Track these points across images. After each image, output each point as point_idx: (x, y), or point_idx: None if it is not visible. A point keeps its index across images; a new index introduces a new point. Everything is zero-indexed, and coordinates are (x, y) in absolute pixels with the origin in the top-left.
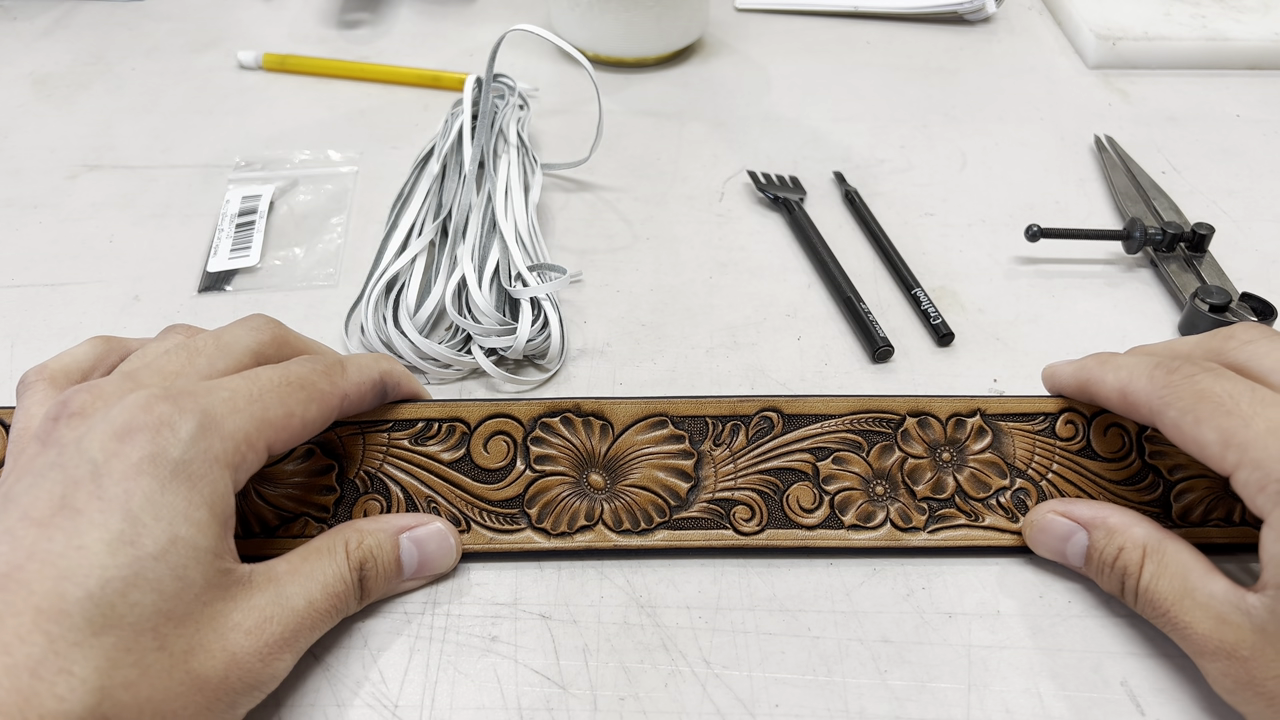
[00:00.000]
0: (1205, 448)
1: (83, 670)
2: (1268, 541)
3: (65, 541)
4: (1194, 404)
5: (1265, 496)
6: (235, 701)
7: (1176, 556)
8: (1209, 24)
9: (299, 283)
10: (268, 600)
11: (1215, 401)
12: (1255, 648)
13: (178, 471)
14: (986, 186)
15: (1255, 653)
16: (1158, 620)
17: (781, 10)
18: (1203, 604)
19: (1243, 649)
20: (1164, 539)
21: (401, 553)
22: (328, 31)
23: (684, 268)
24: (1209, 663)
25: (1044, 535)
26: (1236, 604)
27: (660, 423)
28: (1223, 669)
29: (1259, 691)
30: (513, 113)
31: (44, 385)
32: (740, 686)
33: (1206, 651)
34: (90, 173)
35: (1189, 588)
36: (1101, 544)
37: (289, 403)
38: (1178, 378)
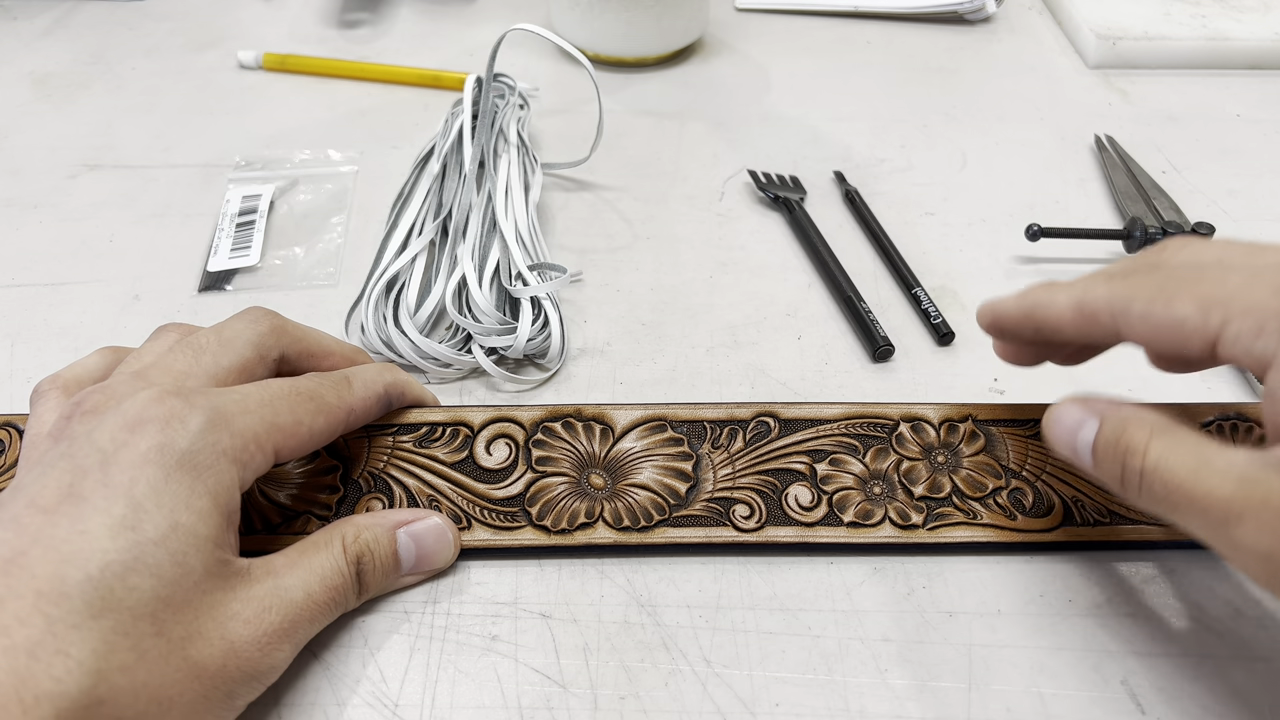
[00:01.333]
0: (1184, 324)
1: (80, 653)
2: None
3: (69, 527)
4: (1160, 286)
5: (1265, 338)
6: (233, 691)
7: (1189, 435)
8: (1209, 24)
9: (299, 282)
10: (266, 591)
11: (1182, 276)
12: None
13: (184, 462)
14: (987, 186)
15: None
16: (1166, 502)
17: (781, 10)
18: (1222, 470)
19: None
20: (1176, 422)
21: (399, 547)
22: (328, 31)
23: (684, 267)
24: (1238, 527)
25: (1057, 427)
26: (1263, 462)
27: (659, 426)
28: (1258, 527)
29: None
30: (513, 112)
31: (56, 393)
32: (741, 685)
33: (1232, 515)
34: (90, 172)
35: (1205, 459)
36: (1109, 428)
37: (298, 411)
38: (1138, 274)
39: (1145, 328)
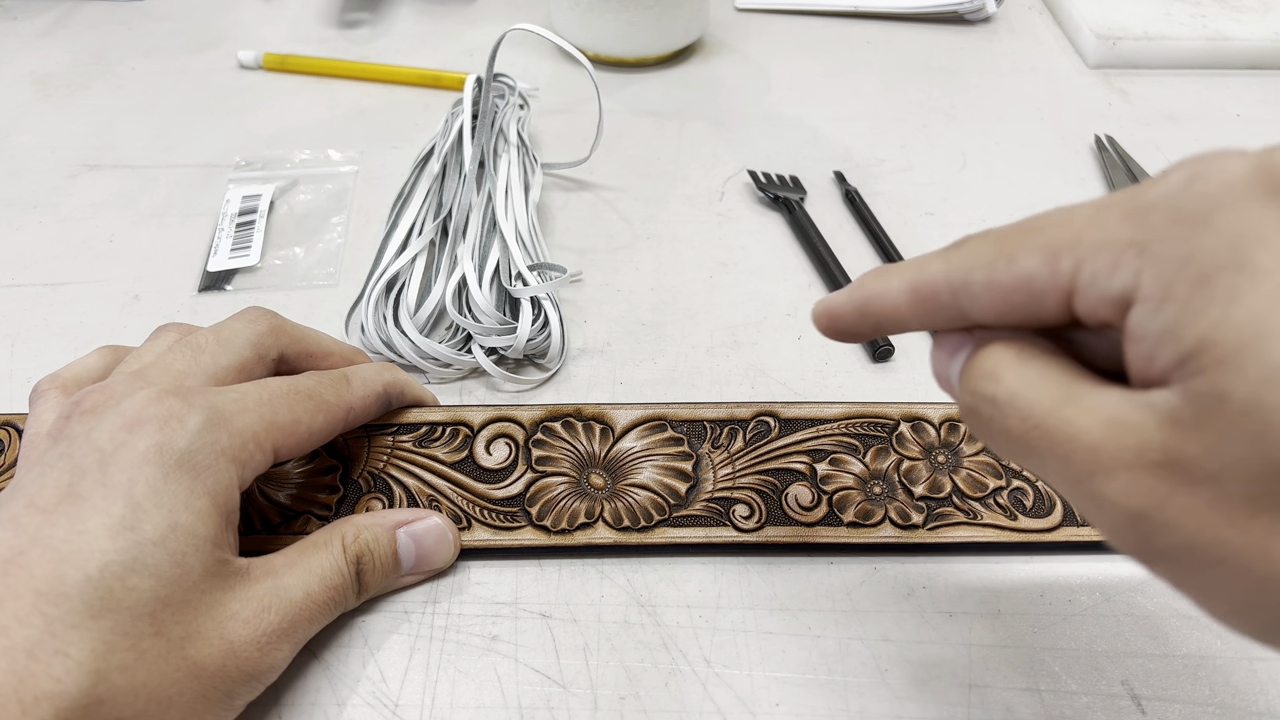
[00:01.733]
0: (1033, 278)
1: (79, 653)
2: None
3: (68, 527)
4: (999, 245)
5: (1122, 271)
6: (232, 690)
7: (1062, 365)
8: (1209, 24)
9: (299, 282)
10: (265, 591)
11: (1022, 231)
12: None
13: (182, 462)
14: (987, 186)
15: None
16: (1023, 442)
17: (781, 10)
18: (1092, 408)
19: (1152, 450)
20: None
21: (399, 547)
22: (328, 31)
23: (684, 267)
24: (1108, 480)
25: (936, 353)
26: (1137, 402)
27: (659, 426)
28: (1127, 484)
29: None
30: (513, 112)
31: (56, 392)
32: (741, 685)
33: (1101, 466)
34: (90, 173)
35: (1071, 394)
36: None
37: (297, 410)
38: (972, 242)
39: (991, 297)
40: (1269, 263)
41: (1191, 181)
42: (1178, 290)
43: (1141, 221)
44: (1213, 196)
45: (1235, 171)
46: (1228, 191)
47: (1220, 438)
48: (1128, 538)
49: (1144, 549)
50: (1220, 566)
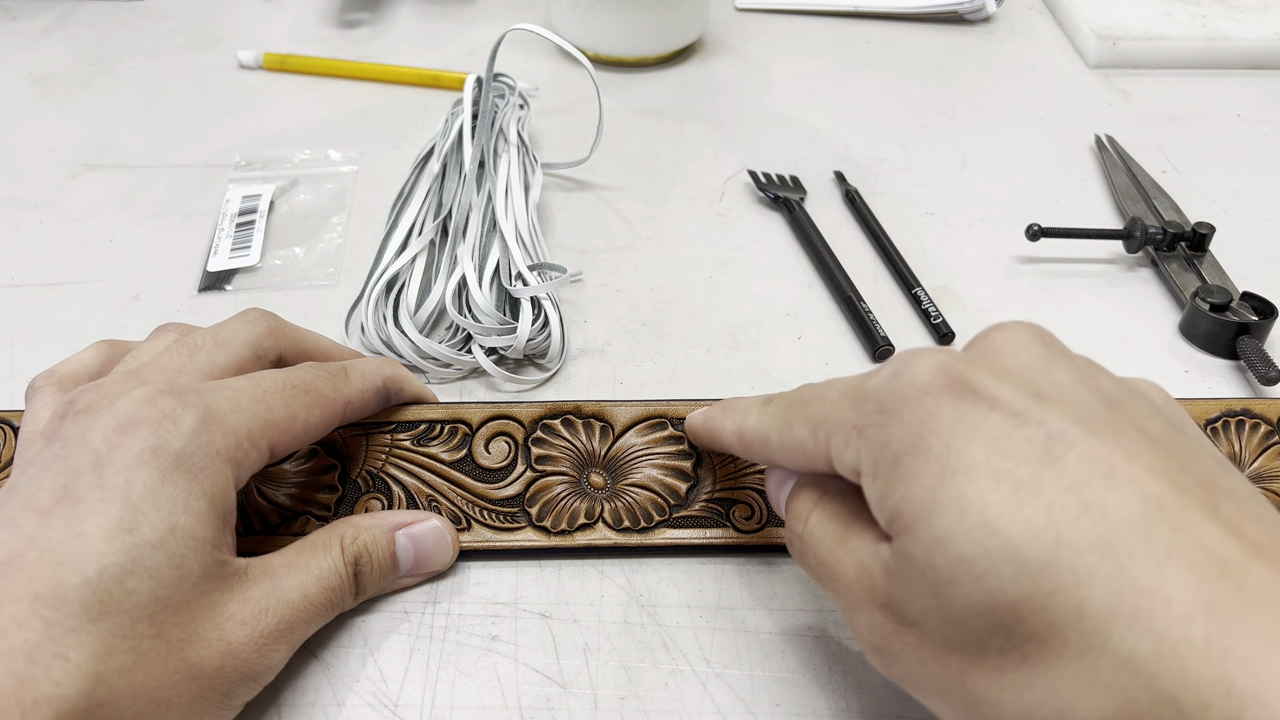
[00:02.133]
0: (804, 447)
1: (78, 656)
2: (866, 489)
3: (65, 529)
4: (786, 414)
5: (850, 449)
6: (230, 691)
7: (846, 505)
8: (1209, 24)
9: (299, 282)
10: (263, 592)
11: (800, 401)
12: (888, 591)
13: (179, 463)
14: (987, 186)
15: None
16: (817, 574)
17: (781, 10)
18: (852, 550)
19: (879, 594)
20: (844, 489)
21: (397, 549)
22: (328, 31)
23: (684, 267)
24: (858, 616)
25: (770, 483)
26: (874, 550)
27: (660, 424)
28: (868, 621)
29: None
30: (513, 112)
31: (51, 389)
32: (741, 685)
33: (854, 602)
34: (90, 173)
35: (844, 537)
36: (795, 490)
37: (292, 405)
38: (775, 403)
39: (783, 455)
40: (937, 447)
41: (893, 377)
42: (880, 468)
43: (861, 408)
44: (903, 391)
45: (923, 370)
46: (914, 387)
47: (913, 591)
48: (875, 663)
49: (889, 674)
50: (939, 695)
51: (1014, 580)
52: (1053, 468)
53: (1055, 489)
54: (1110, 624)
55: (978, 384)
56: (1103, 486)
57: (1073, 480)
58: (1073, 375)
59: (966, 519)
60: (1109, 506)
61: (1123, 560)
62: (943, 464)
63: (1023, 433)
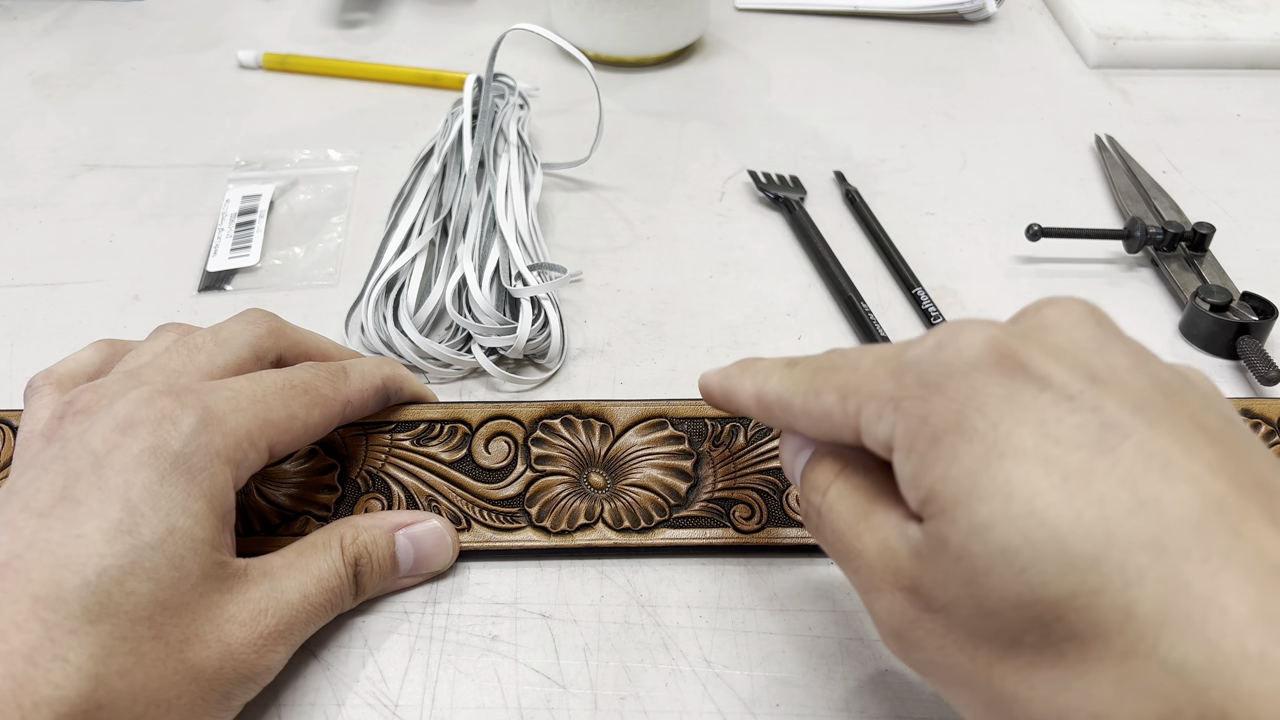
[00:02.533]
0: (831, 415)
1: (78, 658)
2: (898, 465)
3: (64, 531)
4: (812, 379)
5: (884, 422)
6: (230, 692)
7: (869, 479)
8: (1209, 23)
9: (299, 282)
10: (263, 593)
11: (829, 367)
12: (915, 574)
13: (178, 464)
14: (987, 186)
15: (916, 579)
16: (834, 549)
17: (781, 10)
18: (875, 528)
19: (904, 576)
20: (867, 461)
21: (397, 549)
22: (328, 31)
23: (684, 267)
24: (878, 597)
25: (784, 450)
26: (901, 531)
27: (660, 424)
28: (890, 603)
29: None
30: (513, 112)
31: (51, 389)
32: (741, 686)
33: (874, 584)
34: (90, 173)
35: (867, 512)
36: (813, 460)
37: (292, 405)
38: (799, 366)
39: (806, 421)
40: (982, 427)
41: (938, 349)
42: (917, 445)
43: (899, 380)
44: (949, 365)
45: (971, 344)
46: (961, 361)
47: (945, 576)
48: (892, 648)
49: (906, 660)
50: (960, 685)
51: (1058, 575)
52: (1106, 458)
53: (1108, 481)
54: (1160, 629)
55: (1030, 362)
56: (1159, 482)
57: (1127, 473)
58: (1129, 359)
59: (1011, 506)
60: (1165, 504)
61: (1177, 563)
62: (988, 445)
63: (1075, 418)
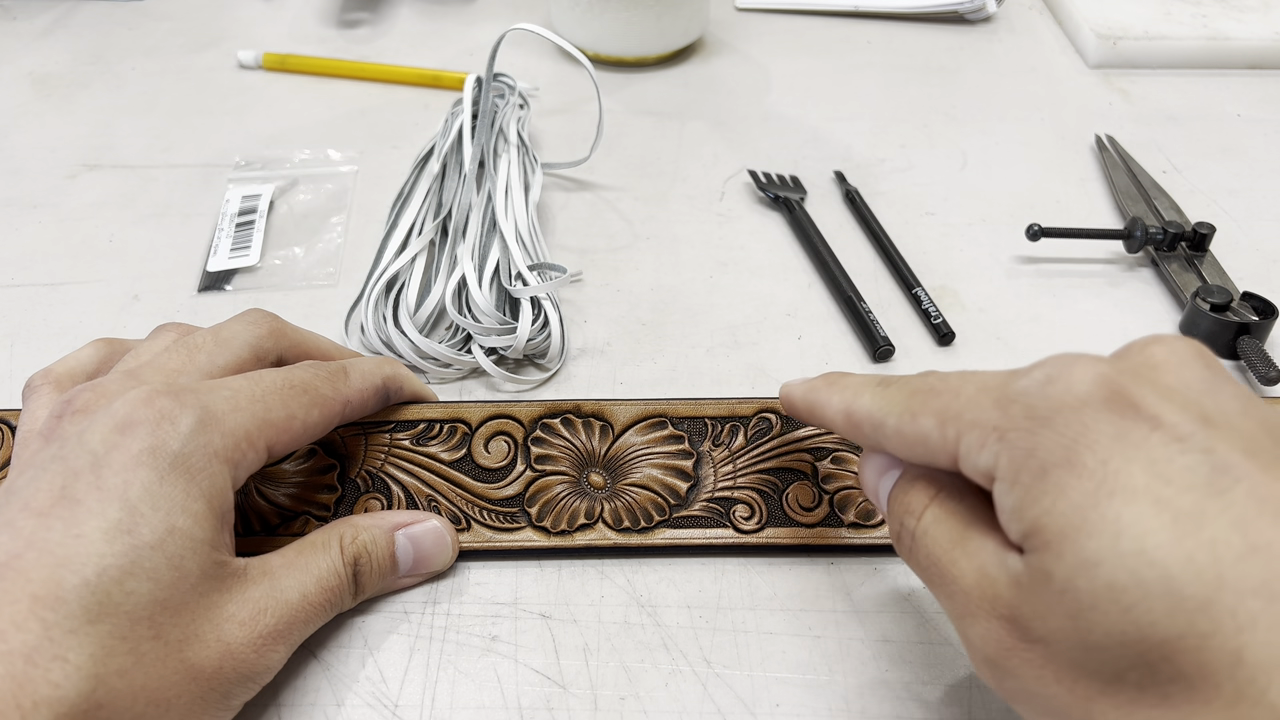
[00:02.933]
0: (928, 439)
1: (78, 657)
2: (1000, 496)
3: (63, 530)
4: (908, 401)
5: (987, 451)
6: (229, 691)
7: (964, 504)
8: (1210, 23)
9: (299, 282)
10: (262, 593)
11: (927, 390)
12: (1014, 603)
13: (176, 464)
14: (987, 186)
15: (1016, 609)
16: (927, 574)
17: (781, 10)
18: (972, 554)
19: (1003, 605)
20: (962, 486)
21: (397, 549)
22: (328, 31)
23: (684, 267)
24: (972, 624)
25: (866, 470)
26: (1001, 558)
27: (660, 423)
28: (985, 630)
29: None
30: (513, 112)
31: (49, 388)
32: (741, 686)
33: (970, 610)
34: (90, 172)
35: (963, 538)
36: (903, 482)
37: (291, 405)
38: (894, 387)
39: (899, 442)
40: (1092, 464)
41: (1047, 382)
42: (1023, 477)
43: (1005, 410)
44: (1058, 399)
45: (1082, 380)
46: (1072, 396)
47: (1047, 609)
48: (985, 675)
49: (998, 688)
50: (1053, 716)
51: (1167, 616)
52: (1218, 500)
53: (1220, 524)
54: (1270, 675)
55: (1141, 401)
56: (1271, 527)
57: (1239, 517)
58: (1238, 402)
59: (1120, 544)
60: (1277, 550)
61: None
62: (1097, 482)
63: (1186, 459)
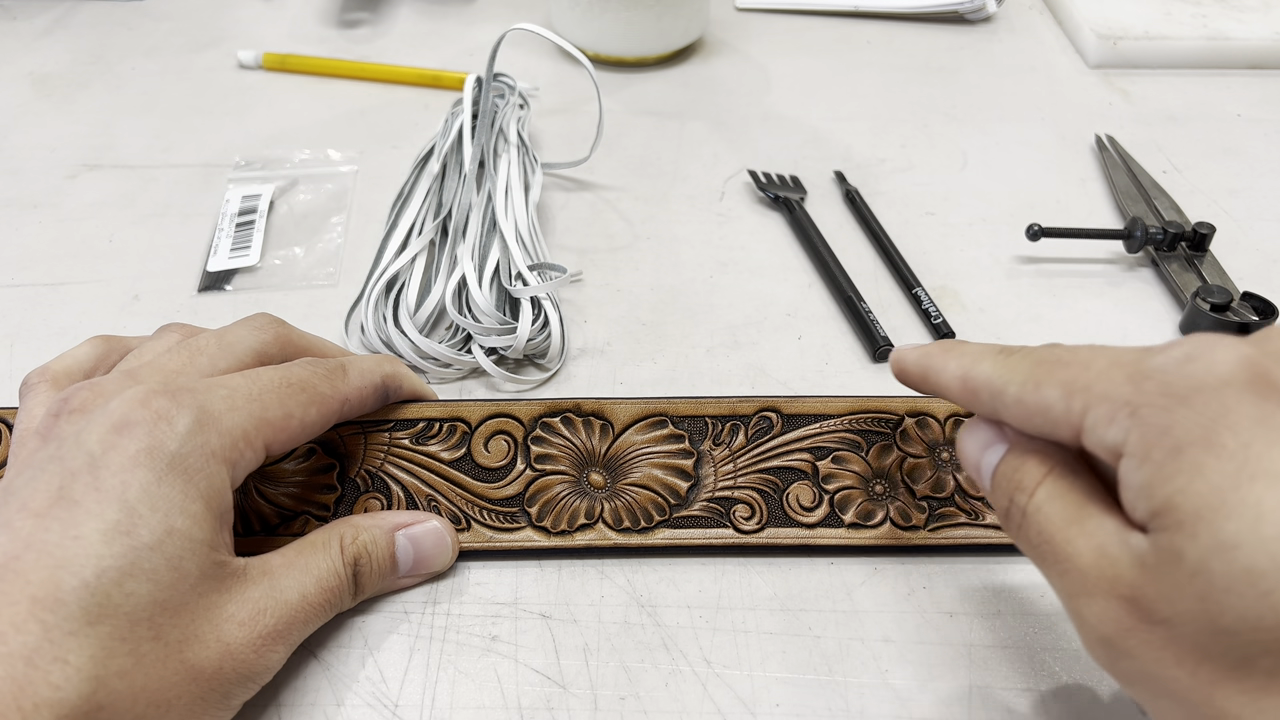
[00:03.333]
0: (1050, 409)
1: (78, 659)
2: (1127, 473)
3: (62, 531)
4: (1033, 370)
5: (1116, 426)
6: (229, 692)
7: (1079, 481)
8: (1210, 23)
9: (299, 282)
10: (261, 593)
11: (1054, 361)
12: (1137, 583)
13: (174, 464)
14: (987, 186)
15: (1139, 588)
16: (1038, 551)
17: (781, 10)
18: (1090, 532)
19: (1123, 585)
20: (1075, 463)
21: (397, 550)
22: (328, 31)
23: (684, 267)
24: (1088, 603)
25: (968, 442)
26: (1123, 537)
27: (660, 422)
28: (1102, 609)
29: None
30: (513, 112)
31: (46, 386)
32: (741, 686)
33: (1086, 588)
34: (90, 172)
35: (1080, 516)
36: (1012, 457)
37: (288, 404)
38: (1017, 356)
39: (1019, 411)
40: (1233, 445)
41: (1186, 361)
42: (1155, 454)
43: (1139, 386)
44: (1198, 378)
45: (1224, 360)
46: (1212, 376)
47: (1174, 590)
48: (1098, 655)
49: (1111, 669)
50: (1170, 699)
51: None
52: None
53: None
54: None
55: None
56: None
57: None
58: None
59: (1262, 528)
60: None
61: None
62: (1238, 464)
63: None
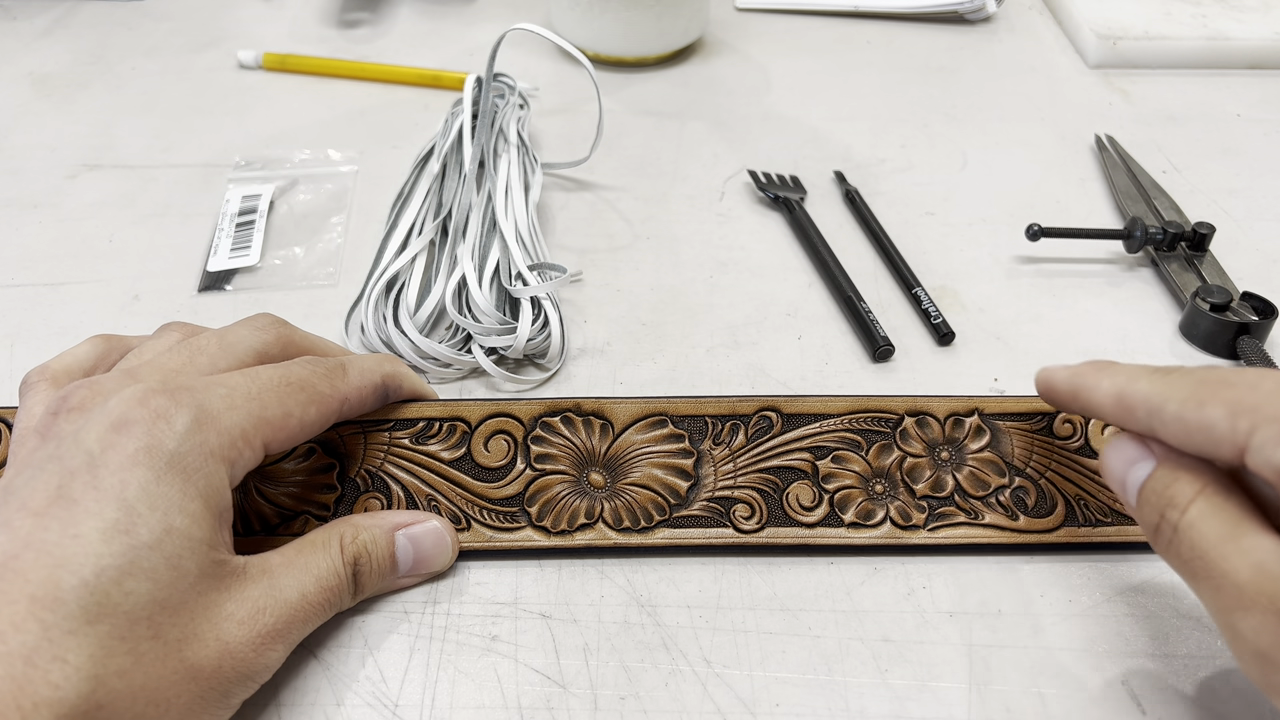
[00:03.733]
0: (1213, 428)
1: (77, 658)
2: None
3: (61, 530)
4: (1195, 389)
5: None
6: (228, 690)
7: (1233, 500)
8: (1210, 23)
9: (299, 282)
10: (261, 591)
11: (1218, 381)
12: None
13: (173, 463)
14: (987, 186)
15: None
16: (1189, 567)
17: (781, 10)
18: (1247, 550)
19: None
20: (1228, 482)
21: (397, 549)
22: (328, 31)
23: (684, 267)
24: (1244, 617)
25: (1114, 458)
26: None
27: (660, 422)
28: (1259, 624)
29: None
30: (513, 112)
31: (45, 385)
32: (741, 686)
33: (1243, 604)
34: (90, 172)
35: (1235, 533)
36: (1162, 474)
37: (287, 403)
38: (1176, 374)
39: (1178, 429)
40: None
41: None
42: None
43: None
44: None
45: None
46: None
47: None
48: (1252, 670)
49: (1264, 683)
50: None
51: None
52: None
53: None
54: None
55: None
56: None
57: None
58: None
59: None
60: None
61: None
62: None
63: None
